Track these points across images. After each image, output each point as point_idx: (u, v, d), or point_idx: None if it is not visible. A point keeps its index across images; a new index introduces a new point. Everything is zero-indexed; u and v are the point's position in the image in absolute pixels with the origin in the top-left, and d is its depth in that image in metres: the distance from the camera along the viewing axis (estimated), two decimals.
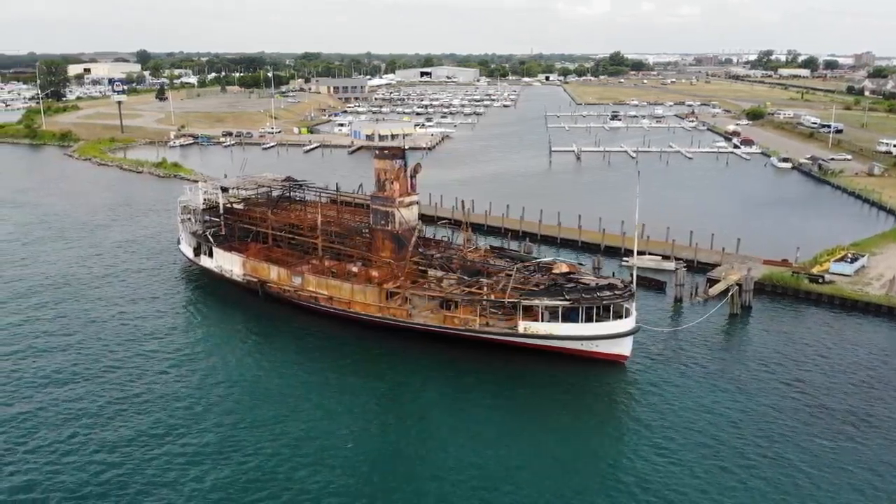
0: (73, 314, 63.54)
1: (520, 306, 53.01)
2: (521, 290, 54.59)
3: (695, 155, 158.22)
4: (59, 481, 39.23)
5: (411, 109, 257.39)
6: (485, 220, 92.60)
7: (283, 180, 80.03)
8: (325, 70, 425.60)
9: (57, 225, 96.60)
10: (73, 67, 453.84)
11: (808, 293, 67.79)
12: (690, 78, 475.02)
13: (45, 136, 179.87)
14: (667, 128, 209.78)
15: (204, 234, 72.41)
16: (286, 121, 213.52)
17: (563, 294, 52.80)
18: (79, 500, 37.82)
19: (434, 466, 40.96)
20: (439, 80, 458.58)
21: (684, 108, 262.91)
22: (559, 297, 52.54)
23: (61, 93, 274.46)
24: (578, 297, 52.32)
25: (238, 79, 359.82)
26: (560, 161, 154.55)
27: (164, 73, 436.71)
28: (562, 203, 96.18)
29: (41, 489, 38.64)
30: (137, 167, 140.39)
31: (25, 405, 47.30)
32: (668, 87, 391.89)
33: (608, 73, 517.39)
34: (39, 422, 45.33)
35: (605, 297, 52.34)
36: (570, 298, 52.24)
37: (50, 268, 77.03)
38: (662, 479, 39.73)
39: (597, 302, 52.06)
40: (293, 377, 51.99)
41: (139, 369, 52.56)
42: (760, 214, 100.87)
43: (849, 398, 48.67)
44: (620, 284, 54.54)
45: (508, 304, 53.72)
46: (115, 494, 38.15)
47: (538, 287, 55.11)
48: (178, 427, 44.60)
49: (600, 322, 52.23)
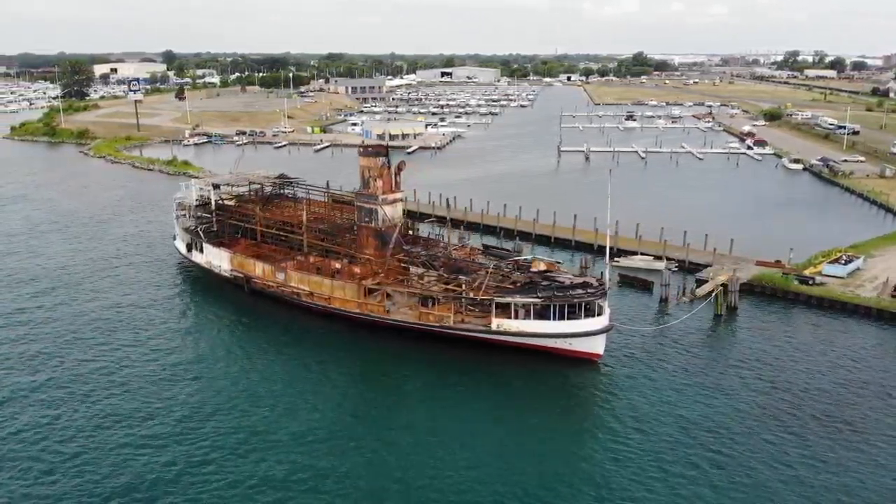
0: (64, 302, 65.71)
1: (493, 304, 53.13)
2: (497, 287, 54.70)
3: (706, 155, 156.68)
4: (44, 456, 40.85)
5: (427, 109, 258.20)
6: (481, 219, 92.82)
7: (276, 178, 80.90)
8: (347, 70, 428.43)
9: (63, 220, 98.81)
10: (99, 67, 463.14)
11: (798, 295, 66.88)
12: (714, 79, 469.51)
13: (64, 134, 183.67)
14: (682, 128, 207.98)
15: (195, 230, 73.48)
16: (301, 120, 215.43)
17: (536, 292, 52.81)
18: (49, 477, 38.89)
19: (401, 457, 41.43)
20: (459, 81, 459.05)
21: (703, 108, 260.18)
22: (532, 295, 52.57)
23: (84, 92, 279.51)
24: (550, 294, 52.29)
25: (258, 79, 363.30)
26: (569, 161, 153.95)
27: (188, 73, 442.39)
28: (562, 203, 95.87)
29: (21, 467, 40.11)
30: (148, 165, 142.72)
31: (12, 387, 49.12)
32: (689, 88, 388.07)
33: (631, 74, 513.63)
34: (27, 402, 47.03)
35: (577, 296, 52.24)
36: (542, 296, 52.24)
37: (50, 260, 79.15)
38: (626, 475, 39.79)
39: (568, 300, 51.98)
40: (269, 366, 52.96)
41: (118, 356, 54.18)
42: (763, 215, 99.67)
43: (822, 399, 48.09)
44: (595, 283, 54.41)
45: (482, 301, 53.85)
46: (89, 470, 39.52)
47: (514, 285, 55.19)
48: (143, 410, 45.78)
49: (572, 320, 52.12)
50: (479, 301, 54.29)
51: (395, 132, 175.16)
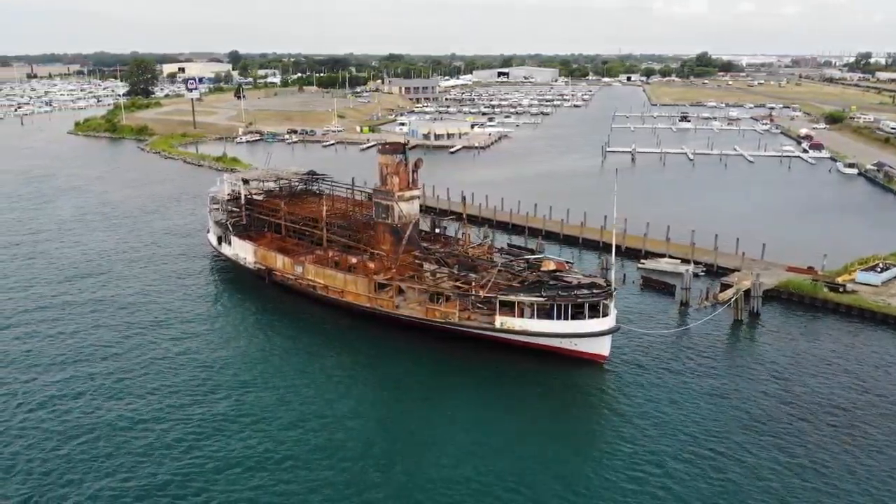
0: (97, 289, 69.20)
1: (497, 301, 53.04)
2: (504, 286, 54.58)
3: (757, 158, 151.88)
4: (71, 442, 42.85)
5: (477, 109, 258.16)
6: (510, 218, 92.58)
7: (305, 174, 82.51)
8: (405, 71, 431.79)
9: (110, 210, 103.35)
10: (168, 66, 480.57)
11: (826, 302, 64.40)
12: (781, 80, 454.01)
13: (124, 131, 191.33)
14: (738, 130, 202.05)
15: (225, 224, 75.67)
16: (352, 120, 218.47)
17: (540, 291, 52.47)
18: (90, 461, 41.02)
19: (398, 456, 41.77)
20: (515, 81, 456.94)
21: (763, 110, 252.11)
22: (535, 294, 52.25)
23: (149, 90, 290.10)
24: (554, 294, 51.86)
25: (317, 79, 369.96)
26: (614, 161, 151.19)
27: (251, 73, 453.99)
28: (597, 203, 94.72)
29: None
30: (199, 161, 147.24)
31: (42, 362, 52.61)
32: (753, 89, 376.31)
33: (694, 74, 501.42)
34: (55, 377, 49.87)
35: (582, 296, 51.65)
36: (546, 295, 51.85)
37: (90, 248, 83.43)
38: (622, 478, 39.30)
39: (572, 300, 51.45)
40: (283, 354, 54.81)
41: (144, 342, 56.97)
42: (806, 220, 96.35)
43: (835, 411, 46.28)
44: (602, 283, 53.70)
45: (486, 299, 53.85)
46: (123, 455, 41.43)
47: (522, 284, 54.94)
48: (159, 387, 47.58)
49: (576, 320, 51.57)
50: (485, 299, 54.28)
51: (440, 131, 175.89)
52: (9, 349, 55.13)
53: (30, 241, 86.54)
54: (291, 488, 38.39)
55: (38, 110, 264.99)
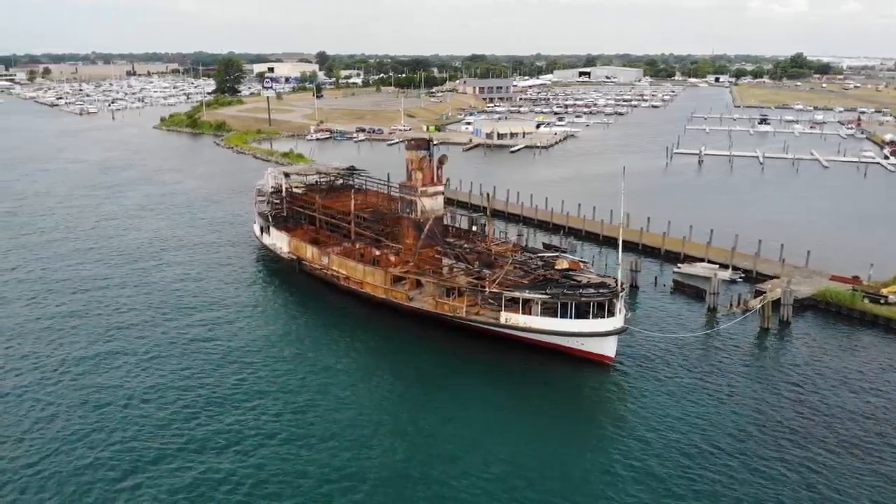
0: (146, 270, 74.54)
1: (503, 297, 53.22)
2: (512, 282, 54.72)
3: (833, 164, 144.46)
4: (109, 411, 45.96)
5: (550, 109, 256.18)
6: (550, 217, 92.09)
7: (345, 169, 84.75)
8: (485, 71, 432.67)
9: (173, 200, 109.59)
10: (258, 66, 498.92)
11: (864, 313, 61.12)
12: (879, 84, 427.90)
13: (204, 126, 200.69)
14: (819, 134, 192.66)
15: (266, 215, 78.79)
16: (421, 119, 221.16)
17: (546, 288, 52.31)
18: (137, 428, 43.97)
19: (395, 454, 42.10)
20: (597, 81, 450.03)
21: (853, 114, 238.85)
22: (539, 291, 52.12)
23: (236, 88, 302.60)
24: (559, 292, 51.59)
25: (395, 79, 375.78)
26: (680, 163, 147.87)
27: (336, 73, 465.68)
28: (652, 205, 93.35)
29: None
30: (267, 156, 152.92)
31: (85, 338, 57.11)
32: (847, 93, 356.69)
33: (787, 76, 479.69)
34: (96, 354, 53.93)
35: (587, 294, 51.13)
36: (550, 293, 51.65)
37: (144, 234, 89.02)
38: (620, 481, 39.04)
39: (576, 298, 51.03)
40: (305, 337, 57.44)
41: (173, 324, 60.25)
42: (867, 229, 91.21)
43: (853, 423, 44.24)
44: (612, 283, 52.98)
45: (491, 294, 54.11)
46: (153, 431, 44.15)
47: (531, 281, 54.91)
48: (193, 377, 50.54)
49: (581, 319, 51.12)
50: (494, 295, 54.52)
51: (504, 131, 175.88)
52: (53, 324, 59.72)
53: (96, 226, 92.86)
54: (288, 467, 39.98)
55: (130, 106, 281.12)
